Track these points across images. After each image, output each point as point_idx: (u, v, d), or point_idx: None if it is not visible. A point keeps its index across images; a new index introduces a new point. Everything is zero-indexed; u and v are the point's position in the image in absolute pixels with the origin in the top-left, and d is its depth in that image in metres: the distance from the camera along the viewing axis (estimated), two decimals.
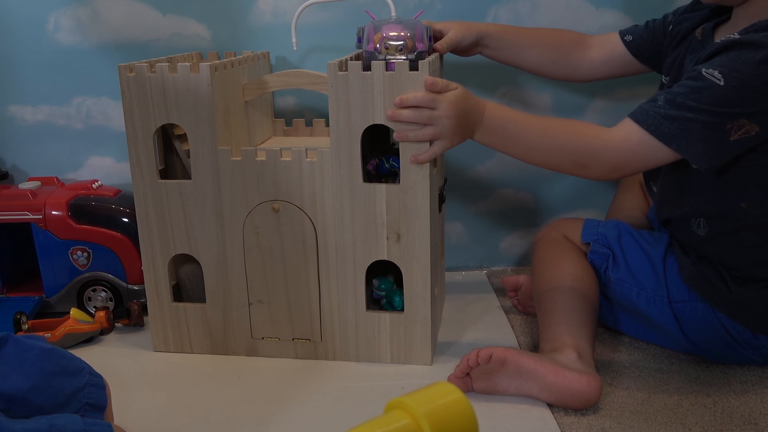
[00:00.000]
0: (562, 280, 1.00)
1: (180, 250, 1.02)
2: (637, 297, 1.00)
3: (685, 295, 0.97)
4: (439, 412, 0.39)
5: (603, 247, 1.03)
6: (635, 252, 1.01)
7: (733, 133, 0.85)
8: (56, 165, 1.30)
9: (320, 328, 1.02)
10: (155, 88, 0.96)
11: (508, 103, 1.27)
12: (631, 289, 1.00)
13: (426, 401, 0.40)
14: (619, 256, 1.02)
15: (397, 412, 0.40)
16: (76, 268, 1.17)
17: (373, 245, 0.97)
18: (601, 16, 1.22)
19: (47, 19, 1.22)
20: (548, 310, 0.99)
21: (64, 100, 1.27)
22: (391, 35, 0.94)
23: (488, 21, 1.23)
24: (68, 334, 1.08)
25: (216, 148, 0.97)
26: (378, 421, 0.39)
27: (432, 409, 0.39)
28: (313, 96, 1.23)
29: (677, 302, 0.98)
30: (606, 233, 1.03)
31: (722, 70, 0.83)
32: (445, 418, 0.39)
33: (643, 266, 1.00)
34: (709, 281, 0.95)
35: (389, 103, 0.91)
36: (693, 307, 0.97)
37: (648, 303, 0.99)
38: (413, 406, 0.39)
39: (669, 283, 0.98)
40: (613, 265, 1.02)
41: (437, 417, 0.39)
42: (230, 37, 1.23)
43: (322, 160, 0.95)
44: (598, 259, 1.03)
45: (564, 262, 1.02)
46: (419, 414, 0.39)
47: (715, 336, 0.97)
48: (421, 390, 0.41)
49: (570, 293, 0.99)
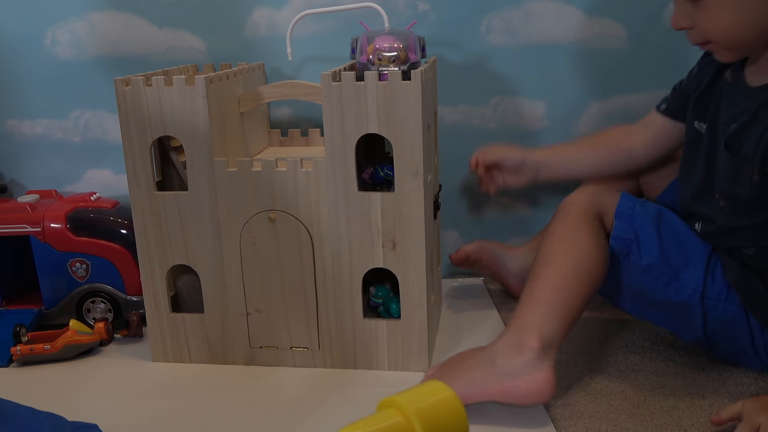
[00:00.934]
0: (564, 257, 0.94)
1: (177, 261, 1.03)
2: (666, 286, 0.96)
3: (723, 295, 0.95)
4: (430, 410, 0.40)
5: (628, 231, 0.96)
6: (676, 239, 0.97)
7: None
8: (55, 178, 1.31)
9: (318, 337, 1.03)
10: (151, 101, 0.97)
11: (503, 112, 1.28)
12: (660, 277, 0.96)
13: (417, 399, 0.40)
14: (653, 240, 0.96)
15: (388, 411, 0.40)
16: (75, 279, 1.17)
17: (369, 253, 0.98)
18: (593, 24, 1.23)
19: (45, 34, 1.24)
20: (534, 288, 0.94)
21: (62, 113, 1.28)
22: (384, 46, 0.95)
23: (482, 30, 1.24)
24: (68, 346, 1.08)
25: (212, 159, 0.98)
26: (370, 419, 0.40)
27: (423, 407, 0.40)
28: (308, 106, 1.24)
29: (711, 300, 0.95)
30: (643, 212, 0.97)
31: None
32: (436, 416, 0.40)
33: (682, 254, 0.96)
34: (755, 288, 0.93)
35: (382, 112, 0.92)
36: (725, 307, 0.95)
37: (677, 293, 0.96)
38: (404, 404, 0.40)
39: (708, 279, 0.95)
40: (639, 250, 0.96)
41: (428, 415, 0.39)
42: (226, 49, 1.25)
43: (317, 170, 0.96)
44: (618, 245, 0.97)
45: (577, 235, 0.96)
46: (410, 412, 0.39)
47: (738, 338, 0.96)
48: (413, 388, 0.42)
49: (566, 275, 0.93)
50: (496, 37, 1.24)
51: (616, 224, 0.97)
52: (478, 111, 1.28)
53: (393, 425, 0.39)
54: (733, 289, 0.95)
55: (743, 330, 0.95)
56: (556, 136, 1.28)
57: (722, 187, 0.92)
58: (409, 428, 0.40)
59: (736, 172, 0.89)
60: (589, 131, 1.27)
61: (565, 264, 0.94)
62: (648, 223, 0.97)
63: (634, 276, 0.98)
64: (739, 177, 0.88)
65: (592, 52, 1.25)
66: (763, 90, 0.88)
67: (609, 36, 1.24)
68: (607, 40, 1.24)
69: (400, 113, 0.92)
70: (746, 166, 0.87)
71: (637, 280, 0.98)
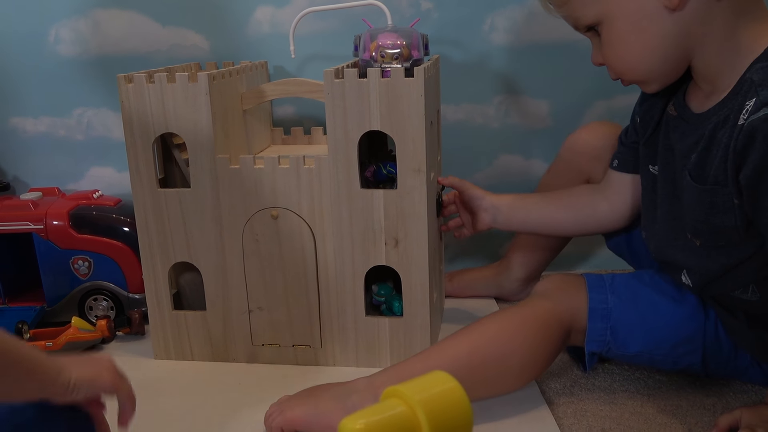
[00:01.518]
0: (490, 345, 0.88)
1: (180, 258, 1.03)
2: (663, 361, 0.92)
3: (731, 355, 0.90)
4: (434, 400, 0.40)
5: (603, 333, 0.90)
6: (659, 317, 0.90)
7: None
8: (57, 176, 1.31)
9: (320, 334, 1.03)
10: (154, 98, 0.97)
11: (506, 111, 1.28)
12: (654, 357, 0.91)
13: (421, 389, 0.40)
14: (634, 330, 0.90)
15: (392, 401, 0.40)
16: (77, 277, 1.17)
17: (372, 251, 0.98)
18: None
19: (48, 32, 1.24)
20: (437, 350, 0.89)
21: (65, 111, 1.29)
22: (387, 43, 0.95)
23: (485, 28, 1.23)
24: (70, 343, 1.08)
25: (215, 156, 0.98)
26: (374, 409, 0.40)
27: (427, 397, 0.40)
28: (311, 104, 1.24)
29: (717, 363, 0.91)
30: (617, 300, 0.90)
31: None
32: (440, 406, 0.40)
33: (671, 333, 0.90)
34: (766, 342, 0.87)
35: (385, 109, 0.92)
36: (735, 365, 0.91)
37: (674, 364, 0.92)
38: (408, 395, 0.39)
39: (707, 349, 0.90)
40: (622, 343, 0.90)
41: (432, 405, 0.39)
42: (228, 47, 1.25)
43: (319, 167, 0.96)
44: (595, 347, 0.91)
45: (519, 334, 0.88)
46: (414, 402, 0.39)
47: (751, 378, 0.94)
48: (417, 379, 0.42)
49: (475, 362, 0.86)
50: (499, 36, 1.24)
51: (589, 326, 0.90)
52: (481, 110, 1.28)
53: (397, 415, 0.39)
54: None
55: (756, 373, 0.92)
56: (560, 136, 1.26)
57: (696, 224, 0.83)
58: (413, 418, 0.39)
59: (712, 200, 0.80)
60: None
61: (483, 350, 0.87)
62: (626, 312, 0.90)
63: (628, 360, 0.95)
64: (718, 205, 0.80)
65: None
66: (712, 113, 0.81)
67: None
68: None
69: (402, 110, 0.92)
70: (723, 191, 0.79)
71: (632, 361, 0.95)
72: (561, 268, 1.29)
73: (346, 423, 0.39)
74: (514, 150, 1.30)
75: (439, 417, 0.39)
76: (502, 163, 1.30)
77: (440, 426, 0.39)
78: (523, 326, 0.88)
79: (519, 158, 1.31)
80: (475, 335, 0.89)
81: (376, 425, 0.38)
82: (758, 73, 0.76)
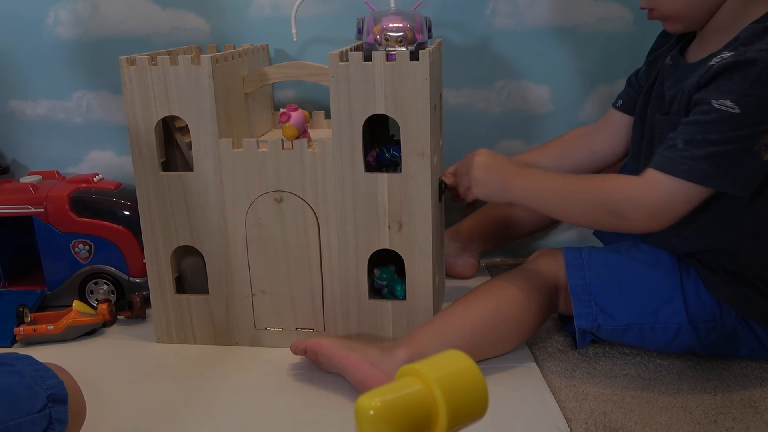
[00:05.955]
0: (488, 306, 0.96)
1: (182, 242, 1.03)
2: (652, 331, 0.95)
3: (717, 314, 0.94)
4: (451, 378, 0.40)
5: (588, 305, 0.96)
6: (638, 283, 0.96)
7: (764, 152, 0.83)
8: (57, 159, 1.30)
9: (323, 318, 1.03)
10: (156, 81, 0.96)
11: (508, 96, 1.28)
12: (644, 327, 0.95)
13: (437, 368, 0.40)
14: (618, 299, 0.95)
15: (409, 379, 0.40)
16: (77, 261, 1.17)
17: (375, 234, 0.98)
18: (598, 6, 1.23)
19: (47, 14, 1.23)
20: (444, 319, 0.96)
21: (64, 94, 1.28)
22: (391, 26, 0.94)
23: (487, 12, 1.23)
24: (71, 326, 1.08)
25: (218, 139, 0.97)
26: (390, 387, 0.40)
27: (443, 375, 0.40)
28: (312, 89, 1.23)
29: (706, 322, 0.94)
30: (594, 274, 0.97)
31: (732, 98, 0.81)
32: (456, 385, 0.40)
33: (652, 296, 0.95)
34: (751, 300, 0.92)
35: (390, 92, 0.92)
36: (723, 324, 0.94)
37: (665, 332, 0.95)
38: (425, 373, 0.40)
39: (690, 306, 0.94)
40: (611, 316, 0.95)
41: (448, 383, 0.39)
42: (229, 30, 1.24)
43: (323, 151, 0.96)
44: (585, 322, 0.96)
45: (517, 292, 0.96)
46: (431, 380, 0.39)
47: (742, 344, 0.95)
48: (432, 357, 0.42)
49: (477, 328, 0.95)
50: (501, 21, 1.24)
51: (573, 304, 0.96)
52: (482, 94, 1.28)
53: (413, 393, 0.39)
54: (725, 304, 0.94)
55: (746, 335, 0.95)
56: (561, 120, 1.28)
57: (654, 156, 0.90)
58: (430, 396, 0.39)
59: (670, 130, 0.88)
60: (593, 115, 1.27)
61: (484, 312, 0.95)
62: (604, 284, 0.96)
63: (619, 337, 0.97)
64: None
65: (597, 35, 1.24)
66: (702, 62, 0.89)
67: (614, 19, 1.24)
68: (612, 24, 1.24)
69: (407, 93, 0.91)
70: (678, 120, 0.88)
71: (624, 339, 0.97)
72: None
73: (363, 401, 0.39)
74: (515, 135, 1.30)
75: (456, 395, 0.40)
76: (503, 147, 1.30)
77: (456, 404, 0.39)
78: (522, 287, 0.97)
79: (520, 143, 1.31)
80: (492, 294, 0.97)
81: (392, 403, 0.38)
82: (746, 31, 0.86)
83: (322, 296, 1.02)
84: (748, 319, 0.94)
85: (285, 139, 0.96)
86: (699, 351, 0.97)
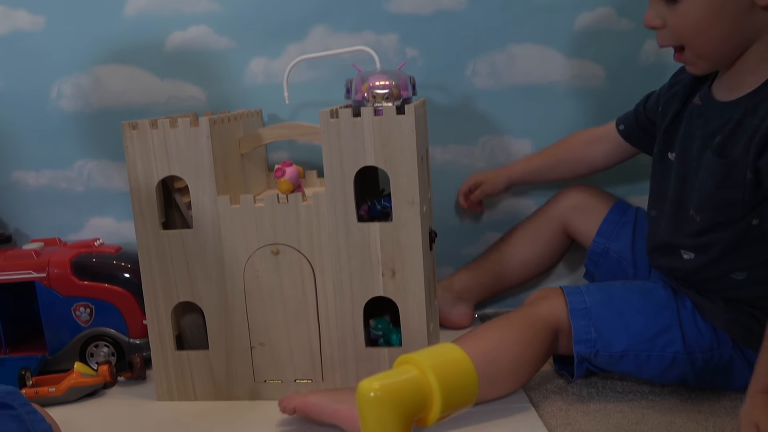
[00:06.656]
0: None
1: (183, 298, 1.06)
2: (648, 360, 0.97)
3: (714, 343, 0.96)
4: (444, 366, 0.43)
5: (588, 330, 0.97)
6: (636, 311, 0.98)
7: None
8: (58, 227, 1.34)
9: (321, 368, 1.05)
10: (157, 143, 1.01)
11: (491, 151, 1.34)
12: (639, 355, 0.97)
13: (432, 357, 0.44)
14: (617, 326, 0.97)
15: (406, 366, 0.43)
16: (78, 324, 1.19)
17: (370, 282, 1.01)
18: (573, 65, 1.30)
19: (51, 88, 1.29)
20: None
21: (66, 163, 1.32)
22: (378, 84, 1.01)
23: (468, 73, 1.30)
24: (72, 388, 1.09)
25: (216, 196, 1.02)
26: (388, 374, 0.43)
27: (437, 363, 0.43)
28: (305, 149, 1.29)
29: (701, 352, 0.96)
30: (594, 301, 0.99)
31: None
32: (449, 372, 0.43)
33: (650, 324, 0.97)
34: (746, 326, 0.95)
35: (379, 145, 0.97)
36: (721, 354, 0.96)
37: (661, 360, 0.97)
38: (420, 360, 0.43)
39: (687, 336, 0.96)
40: (608, 341, 0.97)
41: (442, 370, 0.43)
42: (224, 97, 1.30)
43: (318, 203, 1.00)
44: (584, 348, 0.97)
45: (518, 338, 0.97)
46: (426, 367, 0.43)
47: (735, 376, 0.97)
48: (427, 348, 0.45)
49: None
50: (482, 80, 1.31)
51: (573, 326, 0.97)
52: (467, 150, 1.34)
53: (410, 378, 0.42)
54: (721, 332, 0.96)
55: (742, 366, 0.97)
56: None
57: (703, 197, 0.94)
58: (425, 382, 0.42)
59: (727, 173, 0.90)
60: None
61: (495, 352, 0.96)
62: (604, 309, 0.98)
63: (615, 365, 0.99)
64: (731, 178, 0.90)
65: (573, 91, 1.31)
66: (743, 101, 0.92)
67: (588, 76, 1.30)
68: (586, 81, 1.31)
69: (395, 145, 0.97)
70: (739, 166, 0.89)
71: (620, 366, 0.99)
72: None
73: (363, 384, 0.42)
74: None
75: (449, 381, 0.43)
76: (490, 200, 1.35)
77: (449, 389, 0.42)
78: (521, 330, 0.97)
79: (506, 196, 1.36)
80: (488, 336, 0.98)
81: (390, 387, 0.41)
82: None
83: (319, 346, 1.04)
84: (746, 348, 0.96)
85: (280, 194, 1.01)
86: (693, 382, 0.99)
